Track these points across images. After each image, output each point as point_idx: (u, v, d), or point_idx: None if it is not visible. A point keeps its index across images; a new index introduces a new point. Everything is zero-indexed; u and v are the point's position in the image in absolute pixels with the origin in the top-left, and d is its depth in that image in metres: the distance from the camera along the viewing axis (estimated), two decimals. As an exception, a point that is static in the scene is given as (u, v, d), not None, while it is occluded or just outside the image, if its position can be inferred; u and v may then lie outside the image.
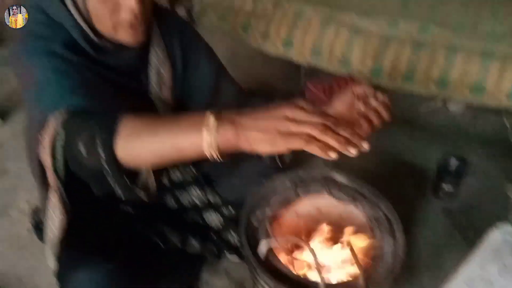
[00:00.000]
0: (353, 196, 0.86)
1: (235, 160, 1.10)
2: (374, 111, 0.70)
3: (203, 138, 0.55)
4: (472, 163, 1.32)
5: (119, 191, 0.67)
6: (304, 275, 0.73)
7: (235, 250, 1.08)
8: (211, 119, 0.55)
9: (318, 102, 1.38)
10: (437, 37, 1.12)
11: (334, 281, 0.72)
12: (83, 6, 0.74)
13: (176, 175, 1.12)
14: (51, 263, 0.82)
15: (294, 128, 0.53)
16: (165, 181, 1.10)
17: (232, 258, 1.15)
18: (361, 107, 0.69)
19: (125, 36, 0.77)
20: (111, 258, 0.77)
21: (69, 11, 0.75)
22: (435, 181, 1.40)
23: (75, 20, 0.75)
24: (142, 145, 0.60)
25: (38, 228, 1.25)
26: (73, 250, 0.79)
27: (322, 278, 0.68)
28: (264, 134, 0.54)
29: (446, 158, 1.42)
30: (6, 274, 1.22)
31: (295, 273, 0.72)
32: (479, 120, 1.62)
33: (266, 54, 1.34)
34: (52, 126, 0.67)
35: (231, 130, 0.55)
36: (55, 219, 0.78)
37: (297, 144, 0.53)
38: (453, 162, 1.41)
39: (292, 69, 1.34)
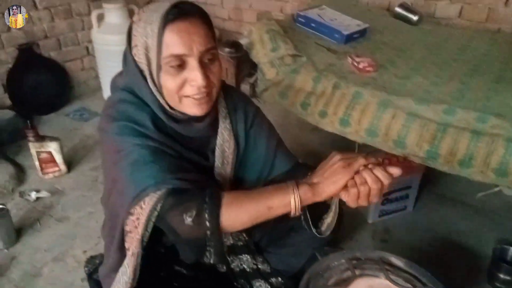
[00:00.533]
0: (409, 280, 0.85)
1: (285, 230, 1.14)
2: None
3: (290, 198, 0.79)
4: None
5: (212, 256, 0.81)
6: None
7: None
8: (295, 184, 0.80)
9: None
10: (496, 127, 1.14)
11: None
12: (158, 82, 0.84)
13: (229, 241, 1.16)
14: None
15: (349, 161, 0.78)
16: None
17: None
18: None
19: (190, 108, 0.86)
20: None
21: (149, 88, 0.86)
22: (490, 269, 1.34)
23: (154, 95, 0.86)
24: (243, 210, 0.80)
25: (91, 278, 1.31)
26: None
27: None
28: (327, 179, 0.79)
29: (502, 247, 1.38)
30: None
31: None
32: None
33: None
34: (149, 203, 0.80)
35: (308, 189, 0.80)
36: (126, 276, 0.85)
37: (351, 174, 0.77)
38: (511, 251, 1.36)
39: (342, 139, 1.39)
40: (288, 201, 0.78)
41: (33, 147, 1.87)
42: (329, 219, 1.04)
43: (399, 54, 1.63)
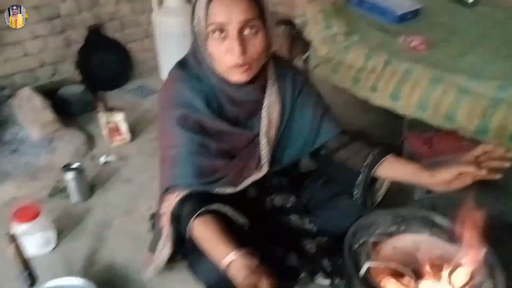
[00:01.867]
0: (453, 238, 0.92)
1: (333, 194, 1.23)
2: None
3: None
4: None
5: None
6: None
7: (327, 275, 1.17)
8: (225, 263, 0.87)
9: (417, 154, 1.46)
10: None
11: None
12: (207, 50, 0.95)
13: (278, 200, 1.27)
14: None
15: None
16: (268, 205, 1.26)
17: (324, 282, 1.24)
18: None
19: (232, 75, 0.97)
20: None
21: (204, 62, 0.98)
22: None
23: (210, 67, 0.98)
24: (200, 245, 0.94)
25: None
26: None
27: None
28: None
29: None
30: (126, 265, 1.44)
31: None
32: None
33: (367, 103, 1.47)
34: (178, 197, 0.99)
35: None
36: (165, 250, 1.10)
37: None
38: None
39: (391, 119, 1.44)
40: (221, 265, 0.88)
41: (102, 117, 2.07)
42: (379, 193, 1.13)
43: (452, 34, 1.64)
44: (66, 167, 1.73)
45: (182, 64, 1.06)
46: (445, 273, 0.85)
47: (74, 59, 2.56)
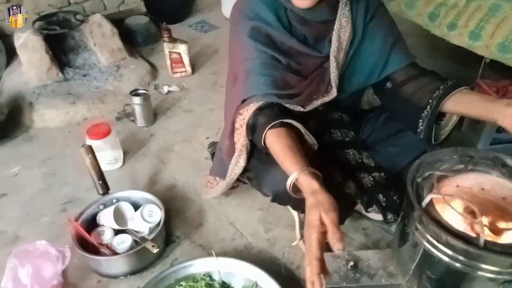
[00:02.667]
0: (524, 181, 0.88)
1: (394, 130, 1.21)
2: None
3: (289, 176, 0.88)
4: None
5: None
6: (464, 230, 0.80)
7: (381, 209, 1.19)
8: (290, 180, 0.88)
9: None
10: None
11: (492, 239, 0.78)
12: None
13: (337, 135, 1.27)
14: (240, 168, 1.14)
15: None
16: (326, 139, 1.27)
17: (376, 216, 1.26)
18: None
19: (298, 1, 0.95)
20: None
21: None
22: None
23: None
24: (273, 155, 0.94)
25: (213, 157, 1.55)
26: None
27: (481, 238, 0.75)
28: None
29: None
30: (186, 186, 1.54)
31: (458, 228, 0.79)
32: None
33: (434, 49, 1.37)
34: (252, 108, 0.99)
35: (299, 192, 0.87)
36: (239, 163, 1.11)
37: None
38: None
39: (461, 66, 1.35)
40: (289, 172, 0.88)
41: (166, 47, 2.12)
42: (445, 130, 1.08)
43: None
44: (134, 92, 1.82)
45: None
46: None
47: (139, -11, 2.60)
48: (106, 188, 1.33)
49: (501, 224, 0.82)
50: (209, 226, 1.38)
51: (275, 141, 0.93)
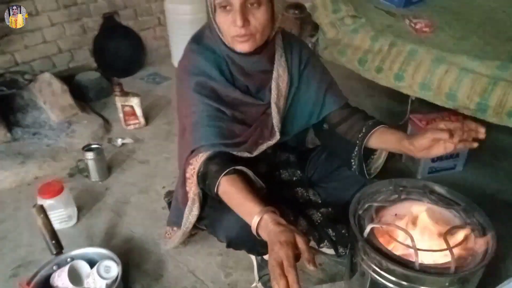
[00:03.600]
0: (451, 204, 0.99)
1: (335, 167, 1.30)
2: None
3: (252, 226, 0.91)
4: None
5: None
6: (401, 255, 0.88)
7: (332, 243, 1.25)
8: (256, 219, 0.89)
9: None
10: (546, 81, 1.21)
11: (427, 261, 0.86)
12: (216, 22, 1.03)
13: (286, 175, 1.35)
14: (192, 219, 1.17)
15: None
16: (276, 179, 1.34)
17: (329, 251, 1.32)
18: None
19: (237, 45, 1.03)
20: None
21: (217, 34, 1.05)
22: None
23: (220, 38, 1.05)
24: (227, 202, 1.00)
25: (170, 206, 1.57)
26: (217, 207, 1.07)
27: (417, 260, 0.83)
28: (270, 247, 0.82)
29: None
30: (144, 238, 1.53)
31: (394, 252, 0.87)
32: None
33: (372, 88, 1.52)
34: (202, 158, 1.05)
35: (263, 233, 0.88)
36: (193, 212, 1.15)
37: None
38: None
39: (396, 103, 1.50)
40: (251, 216, 0.91)
41: (118, 101, 2.15)
42: (377, 165, 1.19)
43: (457, 17, 1.68)
44: (87, 147, 1.82)
45: (196, 38, 1.13)
46: (441, 230, 0.91)
47: (89, 46, 2.65)
48: (59, 248, 1.30)
49: (434, 246, 0.90)
50: (169, 276, 1.37)
51: (231, 186, 0.98)
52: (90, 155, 1.78)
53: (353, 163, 1.14)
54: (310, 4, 1.62)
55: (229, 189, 0.98)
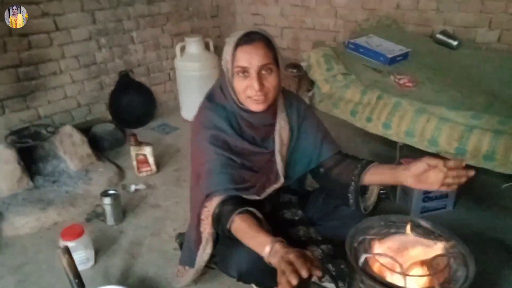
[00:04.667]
0: (434, 236, 1.12)
1: (333, 207, 1.44)
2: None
3: (264, 256, 1.01)
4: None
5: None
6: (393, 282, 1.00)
7: (332, 278, 1.36)
8: (268, 249, 1.00)
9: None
10: (514, 128, 1.39)
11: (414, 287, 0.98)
12: (231, 85, 1.22)
13: (288, 215, 1.49)
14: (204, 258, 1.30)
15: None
16: (280, 219, 1.48)
17: (330, 286, 1.42)
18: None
19: (251, 105, 1.23)
20: None
21: (229, 93, 1.25)
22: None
23: (233, 98, 1.24)
24: (240, 238, 1.11)
25: (182, 247, 1.70)
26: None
27: (405, 285, 0.95)
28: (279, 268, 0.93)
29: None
30: (158, 277, 1.64)
31: (387, 279, 1.00)
32: None
33: (366, 135, 1.71)
34: (216, 201, 1.20)
35: (274, 260, 0.98)
36: (206, 251, 1.28)
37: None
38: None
39: (387, 148, 1.67)
40: (262, 255, 1.02)
41: (133, 150, 2.34)
42: (370, 201, 1.34)
43: (437, 73, 1.91)
44: (104, 193, 1.97)
45: (209, 97, 1.33)
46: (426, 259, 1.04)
47: (105, 100, 2.89)
48: (82, 286, 1.42)
49: (420, 273, 1.03)
50: (182, 312, 1.46)
51: (244, 223, 1.11)
52: (107, 201, 1.93)
53: (350, 199, 1.28)
54: (306, 63, 1.84)
55: (242, 225, 1.11)
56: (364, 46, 2.01)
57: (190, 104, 3.08)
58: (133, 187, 2.25)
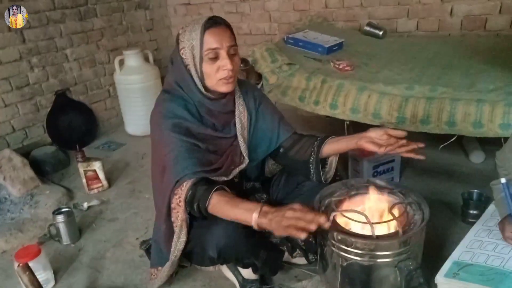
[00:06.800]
0: (391, 191, 1.23)
1: (295, 185, 1.51)
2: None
3: (251, 220, 1.07)
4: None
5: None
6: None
7: (302, 251, 1.42)
8: (256, 213, 1.06)
9: (359, 154, 1.81)
10: (443, 93, 1.56)
11: (380, 233, 1.06)
12: (200, 71, 1.25)
13: (253, 200, 1.53)
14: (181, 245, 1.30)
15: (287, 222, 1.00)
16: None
17: (301, 260, 1.48)
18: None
19: (222, 87, 1.26)
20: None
21: (191, 77, 1.27)
22: (462, 209, 1.70)
23: (194, 82, 1.27)
24: (220, 212, 1.15)
25: (148, 252, 1.66)
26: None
27: (373, 231, 1.03)
28: (277, 225, 1.01)
29: (469, 191, 1.74)
30: (126, 286, 1.59)
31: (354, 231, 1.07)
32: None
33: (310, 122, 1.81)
34: (186, 186, 1.21)
35: (265, 220, 1.05)
36: (181, 238, 1.28)
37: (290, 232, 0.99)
38: (475, 193, 1.72)
39: (335, 127, 1.78)
40: (249, 221, 1.08)
41: (81, 167, 2.24)
42: (330, 174, 1.43)
43: (370, 58, 2.08)
44: (56, 211, 1.87)
45: (166, 91, 1.34)
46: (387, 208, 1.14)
47: (43, 122, 2.74)
48: (47, 302, 1.33)
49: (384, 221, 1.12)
50: (158, 314, 1.43)
51: (224, 196, 1.15)
52: (60, 218, 1.83)
53: (311, 172, 1.35)
54: (252, 58, 1.92)
55: (222, 199, 1.14)
56: (302, 39, 2.14)
57: (134, 118, 3.03)
58: (85, 205, 2.15)
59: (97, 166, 2.26)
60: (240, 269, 1.41)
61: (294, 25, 2.72)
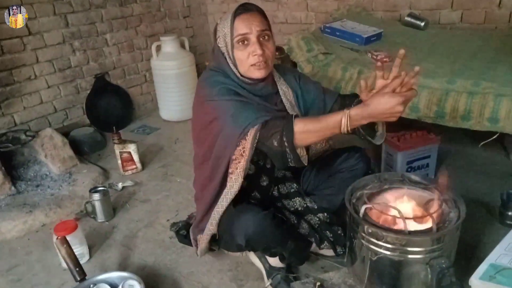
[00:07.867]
0: (426, 186, 1.19)
1: (326, 176, 1.50)
2: None
3: (341, 118, 1.07)
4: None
5: (292, 162, 1.17)
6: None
7: (331, 244, 1.41)
8: (347, 109, 1.07)
9: (394, 149, 1.75)
10: (487, 88, 1.49)
11: (413, 228, 1.04)
12: (232, 57, 1.26)
13: (284, 189, 1.53)
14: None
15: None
16: (275, 193, 1.52)
17: (329, 252, 1.47)
18: None
19: (254, 73, 1.26)
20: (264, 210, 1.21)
21: (228, 64, 1.28)
22: (500, 211, 1.63)
23: (231, 68, 1.28)
24: (309, 134, 1.13)
25: (178, 234, 1.71)
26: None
27: (405, 226, 1.01)
28: (376, 102, 1.05)
29: (508, 191, 1.66)
30: (157, 265, 1.64)
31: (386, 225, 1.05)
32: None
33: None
34: (251, 134, 1.18)
35: (359, 110, 1.07)
36: (234, 188, 1.25)
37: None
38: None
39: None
40: (340, 119, 1.07)
41: (117, 148, 2.32)
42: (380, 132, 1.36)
43: (410, 49, 1.99)
44: (93, 190, 1.94)
45: (207, 73, 1.34)
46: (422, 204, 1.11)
47: (82, 104, 2.84)
48: (83, 274, 1.39)
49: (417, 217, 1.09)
50: (187, 294, 1.47)
51: (305, 119, 1.17)
52: (97, 196, 1.91)
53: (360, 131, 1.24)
54: (287, 46, 1.90)
55: (305, 121, 1.13)
56: (340, 29, 2.10)
57: (168, 104, 3.09)
58: (120, 185, 2.23)
59: (132, 148, 2.33)
60: (267, 256, 1.42)
61: (331, 14, 2.67)
